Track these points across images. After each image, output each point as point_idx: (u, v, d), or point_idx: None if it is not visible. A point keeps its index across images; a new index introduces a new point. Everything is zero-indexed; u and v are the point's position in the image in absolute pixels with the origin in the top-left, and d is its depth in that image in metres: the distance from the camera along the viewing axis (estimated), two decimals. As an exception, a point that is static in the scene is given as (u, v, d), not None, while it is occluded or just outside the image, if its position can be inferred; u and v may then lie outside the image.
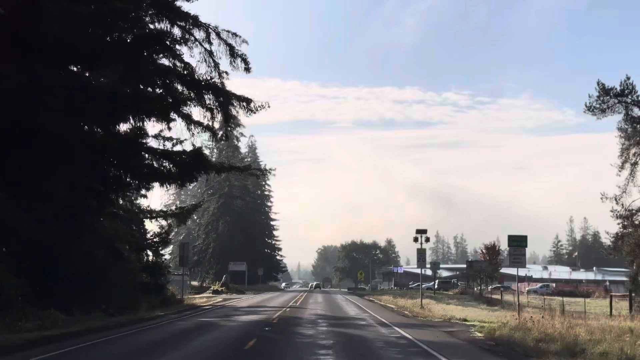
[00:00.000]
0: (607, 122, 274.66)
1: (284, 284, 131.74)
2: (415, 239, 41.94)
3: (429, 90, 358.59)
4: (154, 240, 43.58)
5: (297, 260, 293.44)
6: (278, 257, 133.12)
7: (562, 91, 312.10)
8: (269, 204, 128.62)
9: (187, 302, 41.34)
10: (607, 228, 39.10)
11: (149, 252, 42.15)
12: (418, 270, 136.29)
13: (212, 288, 71.76)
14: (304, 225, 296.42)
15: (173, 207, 55.12)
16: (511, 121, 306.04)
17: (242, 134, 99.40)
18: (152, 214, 45.00)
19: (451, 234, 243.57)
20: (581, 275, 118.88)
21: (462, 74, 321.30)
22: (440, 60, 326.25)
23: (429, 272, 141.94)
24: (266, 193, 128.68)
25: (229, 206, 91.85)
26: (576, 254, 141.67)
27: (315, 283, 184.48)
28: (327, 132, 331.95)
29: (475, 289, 74.80)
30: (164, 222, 46.19)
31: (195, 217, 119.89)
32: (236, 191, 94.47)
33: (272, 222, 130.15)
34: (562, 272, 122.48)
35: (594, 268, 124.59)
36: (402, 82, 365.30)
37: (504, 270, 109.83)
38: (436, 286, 77.54)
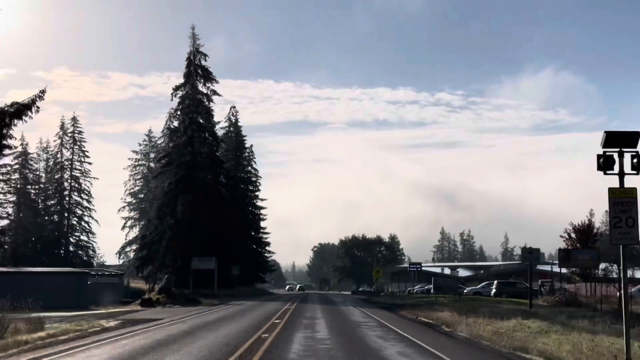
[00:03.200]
0: (599, 123, 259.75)
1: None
2: (607, 163, 13.60)
3: (422, 91, 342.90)
4: None
5: (291, 260, 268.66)
6: (266, 254, 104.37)
7: (555, 91, 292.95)
8: (253, 188, 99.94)
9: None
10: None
11: None
12: (435, 269, 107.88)
13: (147, 295, 43.32)
14: (299, 225, 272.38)
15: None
16: (505, 121, 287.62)
17: (215, 92, 70.68)
18: None
19: (456, 231, 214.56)
20: None
21: (456, 74, 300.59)
22: (434, 60, 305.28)
23: (448, 271, 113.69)
24: (252, 178, 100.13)
25: (192, 181, 62.98)
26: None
27: (298, 286, 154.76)
28: (321, 133, 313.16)
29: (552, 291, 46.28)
30: None
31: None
32: (203, 161, 65.49)
33: (258, 212, 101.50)
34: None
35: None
36: (395, 82, 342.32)
37: (542, 267, 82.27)
38: (494, 290, 48.81)
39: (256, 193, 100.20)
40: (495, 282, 50.03)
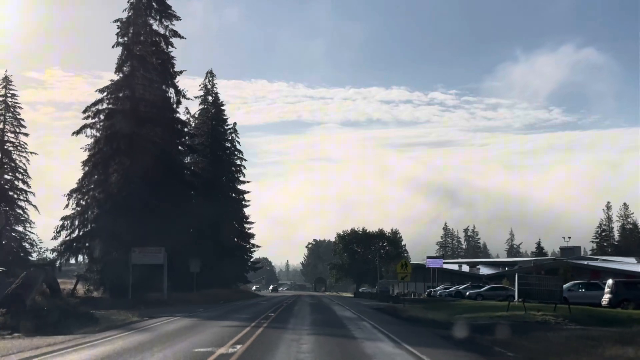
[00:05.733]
0: (592, 121, 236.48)
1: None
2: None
3: (416, 90, 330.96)
4: None
5: (285, 259, 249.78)
6: (250, 248, 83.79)
7: (547, 90, 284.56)
8: (235, 169, 79.38)
9: None
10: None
11: None
12: (452, 266, 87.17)
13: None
14: (293, 224, 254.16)
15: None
16: (499, 120, 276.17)
17: (176, 34, 50.02)
18: None
19: (459, 227, 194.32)
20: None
21: (449, 73, 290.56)
22: (427, 59, 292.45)
23: (463, 268, 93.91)
24: (232, 157, 79.59)
25: (130, 139, 42.56)
26: None
27: (271, 287, 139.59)
28: (315, 132, 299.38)
29: None
30: None
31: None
32: (149, 112, 44.90)
33: (240, 197, 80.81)
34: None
35: None
36: (389, 82, 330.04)
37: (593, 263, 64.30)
38: (610, 296, 28.30)
39: (237, 175, 79.77)
40: (611, 282, 29.40)
